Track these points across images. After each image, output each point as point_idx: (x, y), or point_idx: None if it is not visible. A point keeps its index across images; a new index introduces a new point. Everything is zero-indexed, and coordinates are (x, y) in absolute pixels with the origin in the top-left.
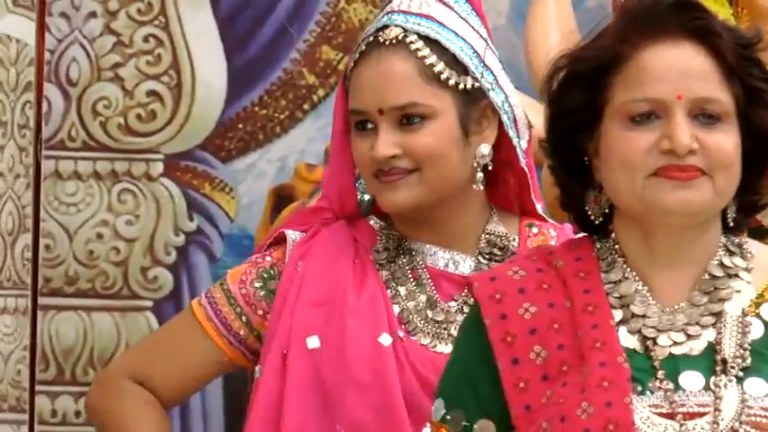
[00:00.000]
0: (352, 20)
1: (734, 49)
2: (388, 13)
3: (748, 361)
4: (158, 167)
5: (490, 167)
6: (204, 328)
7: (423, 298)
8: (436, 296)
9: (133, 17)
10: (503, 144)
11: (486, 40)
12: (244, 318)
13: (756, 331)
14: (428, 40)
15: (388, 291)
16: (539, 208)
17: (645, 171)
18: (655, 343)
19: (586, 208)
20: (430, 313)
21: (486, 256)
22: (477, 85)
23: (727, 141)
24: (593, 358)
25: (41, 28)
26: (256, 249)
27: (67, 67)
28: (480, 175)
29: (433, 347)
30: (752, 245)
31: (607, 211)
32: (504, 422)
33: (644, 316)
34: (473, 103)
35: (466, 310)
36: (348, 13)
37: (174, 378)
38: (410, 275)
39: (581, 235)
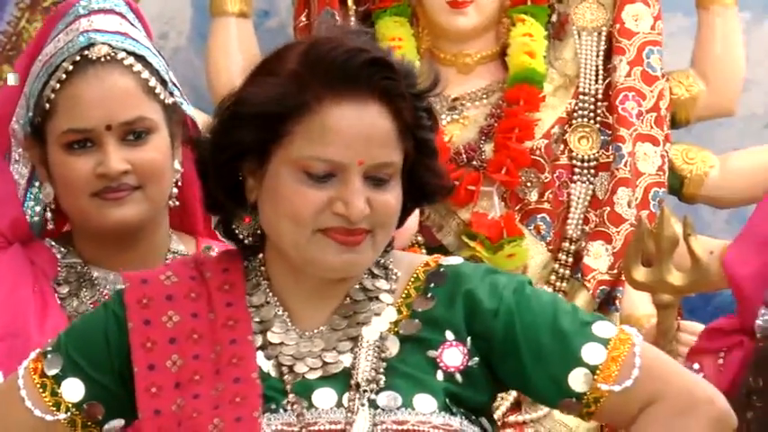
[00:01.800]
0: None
1: (412, 108)
2: (81, 32)
3: (382, 382)
4: None
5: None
6: None
7: None
8: None
9: None
10: (186, 159)
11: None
12: None
13: (393, 349)
14: (137, 57)
15: None
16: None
17: (313, 227)
18: (291, 370)
19: (234, 226)
20: None
21: None
22: (174, 99)
23: (392, 199)
24: (229, 374)
25: None
26: None
27: None
28: (176, 190)
29: None
30: (398, 263)
31: (259, 232)
32: (108, 408)
33: (281, 344)
34: (173, 117)
35: None
36: (29, 32)
37: None
38: (92, 308)
39: (230, 250)
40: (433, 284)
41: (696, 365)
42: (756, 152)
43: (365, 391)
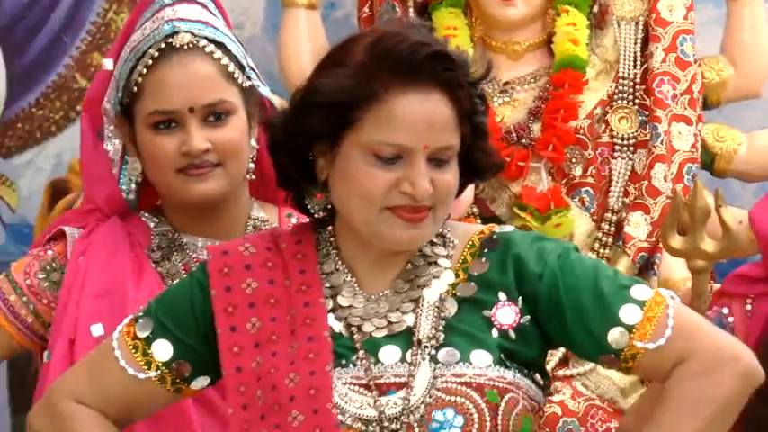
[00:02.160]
0: (120, 28)
1: (469, 96)
2: (167, 21)
3: (441, 339)
4: None
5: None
6: None
7: None
8: None
9: None
10: (263, 136)
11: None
12: (30, 306)
13: (451, 309)
14: (217, 44)
15: (164, 286)
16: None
17: (382, 205)
18: (359, 329)
19: (306, 202)
20: None
21: None
22: (251, 83)
23: (451, 179)
24: (303, 333)
25: None
26: (36, 242)
27: None
28: (252, 166)
29: None
30: (454, 232)
31: (329, 207)
32: (194, 367)
33: (350, 306)
34: (250, 99)
35: None
36: (116, 23)
37: None
38: (183, 271)
39: (303, 223)
40: (486, 250)
41: (725, 309)
42: None
43: (426, 347)
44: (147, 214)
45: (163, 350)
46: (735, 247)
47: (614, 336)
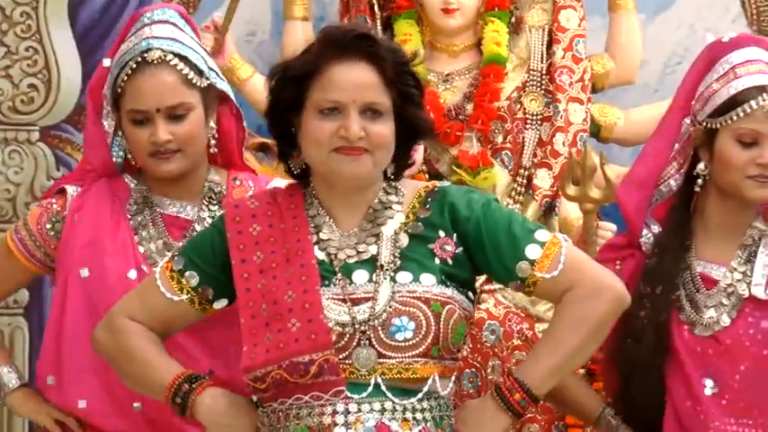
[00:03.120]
0: None
1: (393, 67)
2: (144, 38)
3: (398, 263)
4: (35, 135)
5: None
6: (12, 249)
7: (160, 242)
8: (169, 238)
9: (18, 34)
10: (223, 115)
11: (205, 50)
12: (41, 249)
13: (404, 241)
14: (180, 57)
15: (136, 236)
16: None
17: (328, 148)
18: (336, 257)
19: (289, 163)
20: (166, 252)
21: (207, 200)
22: (209, 82)
23: (384, 129)
24: (296, 261)
25: None
26: (45, 195)
27: None
28: (213, 141)
29: None
30: (405, 186)
31: (304, 167)
32: (215, 291)
33: (329, 240)
34: (207, 95)
35: None
36: None
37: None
38: (151, 223)
39: (294, 182)
40: (430, 199)
41: None
42: (648, 108)
43: (386, 270)
44: (129, 176)
45: (192, 279)
46: (613, 195)
47: (521, 267)
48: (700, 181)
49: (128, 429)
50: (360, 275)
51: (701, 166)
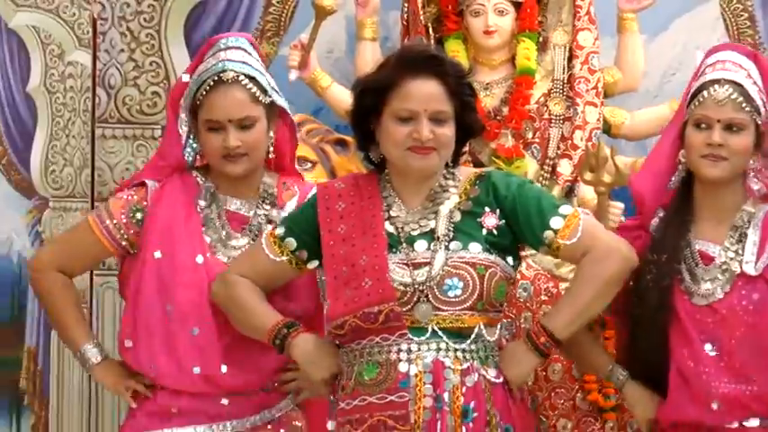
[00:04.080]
0: (267, 29)
1: (455, 80)
2: (221, 60)
3: (451, 235)
4: (158, 132)
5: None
6: (96, 233)
7: (223, 233)
8: (231, 231)
9: (144, 52)
10: (280, 127)
11: (269, 73)
12: (122, 233)
13: (457, 217)
14: (249, 77)
15: (203, 227)
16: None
17: (403, 147)
18: (402, 229)
19: (370, 154)
20: (228, 242)
21: (261, 199)
22: (271, 99)
23: (448, 132)
24: (370, 232)
25: (94, 59)
26: (123, 184)
27: (108, 79)
28: (271, 148)
29: (228, 262)
30: (460, 172)
31: (382, 158)
32: (308, 254)
33: (397, 216)
34: (270, 110)
35: (252, 239)
36: (280, 20)
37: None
38: (216, 216)
39: (371, 170)
40: (478, 182)
41: None
42: (650, 110)
43: (442, 240)
44: (197, 173)
45: (291, 243)
46: (622, 180)
47: (547, 235)
48: (680, 167)
49: (188, 387)
50: (420, 245)
51: (681, 152)
